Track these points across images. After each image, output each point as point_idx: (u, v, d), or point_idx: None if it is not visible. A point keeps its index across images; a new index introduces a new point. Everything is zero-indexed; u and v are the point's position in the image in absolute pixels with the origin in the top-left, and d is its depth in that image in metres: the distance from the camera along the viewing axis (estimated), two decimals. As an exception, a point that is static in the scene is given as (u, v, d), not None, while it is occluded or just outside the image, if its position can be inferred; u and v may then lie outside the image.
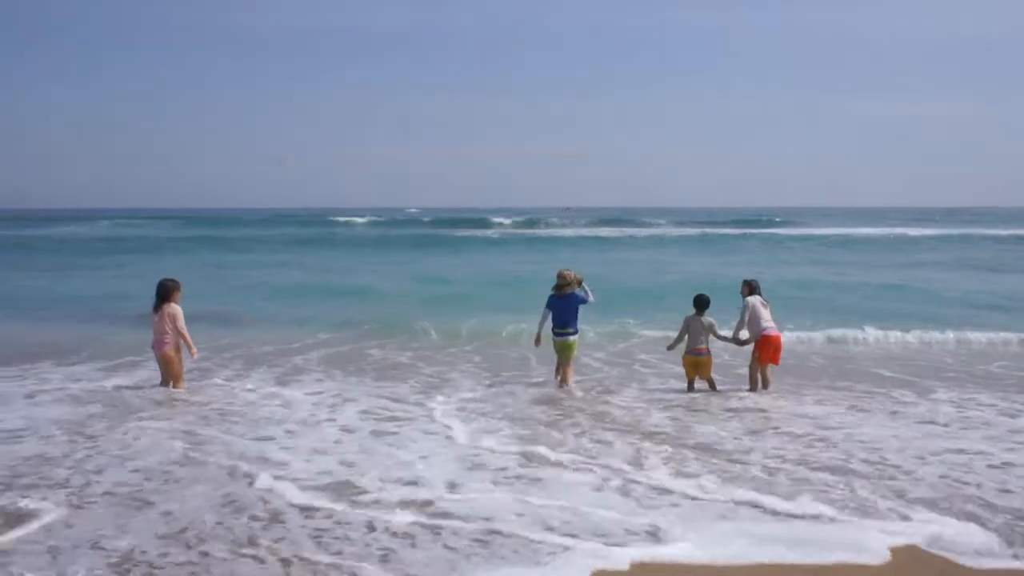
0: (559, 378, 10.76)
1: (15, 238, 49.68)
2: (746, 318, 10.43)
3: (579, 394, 10.33)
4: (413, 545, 5.35)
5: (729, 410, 9.39)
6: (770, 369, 10.47)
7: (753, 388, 10.42)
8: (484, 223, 71.99)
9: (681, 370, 10.68)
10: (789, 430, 8.40)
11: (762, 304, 10.46)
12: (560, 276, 10.71)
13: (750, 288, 10.61)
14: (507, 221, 74.09)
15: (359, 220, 79.73)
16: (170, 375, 10.27)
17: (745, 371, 10.84)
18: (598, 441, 7.89)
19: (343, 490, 6.40)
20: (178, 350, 10.21)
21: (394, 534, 5.53)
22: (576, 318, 10.62)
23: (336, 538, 5.46)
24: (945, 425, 8.67)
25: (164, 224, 72.46)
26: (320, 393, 10.15)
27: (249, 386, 10.57)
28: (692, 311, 10.56)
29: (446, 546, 5.34)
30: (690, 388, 10.55)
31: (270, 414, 9.03)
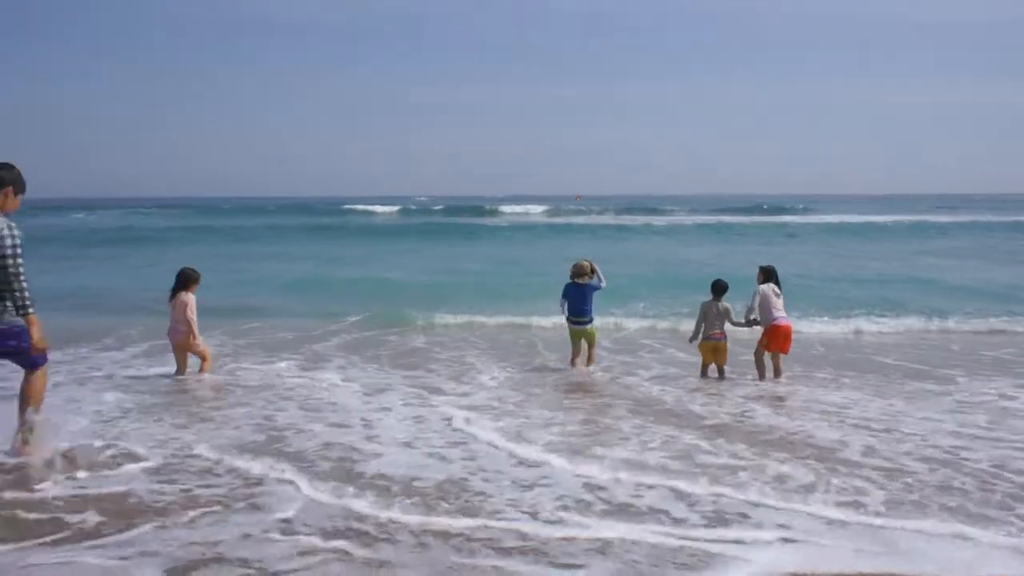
0: (574, 364, 11.03)
1: (27, 227, 49.56)
2: (756, 304, 10.43)
3: (605, 377, 10.54)
4: (619, 545, 5.06)
5: (759, 399, 9.28)
6: (781, 358, 10.49)
7: (761, 377, 10.46)
8: (495, 212, 71.93)
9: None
10: (839, 420, 8.21)
11: (775, 293, 10.47)
12: (577, 267, 10.97)
13: (765, 275, 10.60)
14: (520, 209, 73.88)
15: (371, 209, 79.63)
16: (185, 363, 10.39)
17: (748, 358, 10.81)
18: (669, 436, 7.58)
19: (459, 492, 6.02)
20: (195, 337, 10.31)
21: (580, 537, 5.19)
22: (592, 306, 10.89)
23: (522, 536, 5.19)
24: (990, 416, 8.42)
25: (174, 213, 72.62)
26: (359, 382, 10.10)
27: (289, 373, 10.61)
28: (709, 296, 10.65)
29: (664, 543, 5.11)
30: (704, 374, 10.64)
31: (334, 400, 9.02)
